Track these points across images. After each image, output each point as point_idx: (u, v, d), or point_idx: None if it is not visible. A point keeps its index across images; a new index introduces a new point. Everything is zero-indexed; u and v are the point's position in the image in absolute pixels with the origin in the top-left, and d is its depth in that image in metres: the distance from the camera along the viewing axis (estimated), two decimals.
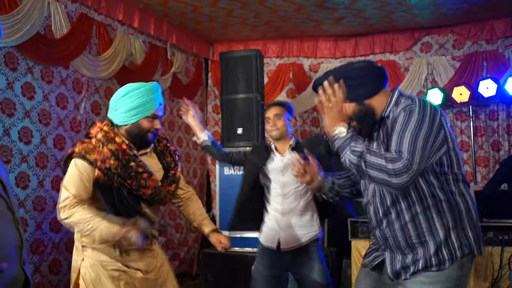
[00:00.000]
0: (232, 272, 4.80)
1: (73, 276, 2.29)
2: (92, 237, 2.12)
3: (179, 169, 2.46)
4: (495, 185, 4.59)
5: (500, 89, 5.27)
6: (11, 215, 1.18)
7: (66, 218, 2.15)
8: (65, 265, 4.32)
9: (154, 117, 2.29)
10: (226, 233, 5.00)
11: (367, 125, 1.99)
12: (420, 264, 1.91)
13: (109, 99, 4.88)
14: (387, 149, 1.91)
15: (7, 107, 3.85)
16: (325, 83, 1.93)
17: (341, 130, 1.89)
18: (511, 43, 5.60)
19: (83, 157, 2.19)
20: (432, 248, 1.90)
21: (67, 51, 4.30)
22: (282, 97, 6.35)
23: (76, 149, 2.24)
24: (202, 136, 3.18)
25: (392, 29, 5.95)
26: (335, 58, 6.28)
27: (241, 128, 4.93)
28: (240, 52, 5.47)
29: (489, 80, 5.30)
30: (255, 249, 4.86)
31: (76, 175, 2.19)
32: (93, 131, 2.30)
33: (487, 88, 5.28)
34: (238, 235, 4.98)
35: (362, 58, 6.18)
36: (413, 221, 1.92)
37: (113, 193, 2.19)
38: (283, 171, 3.09)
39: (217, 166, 5.23)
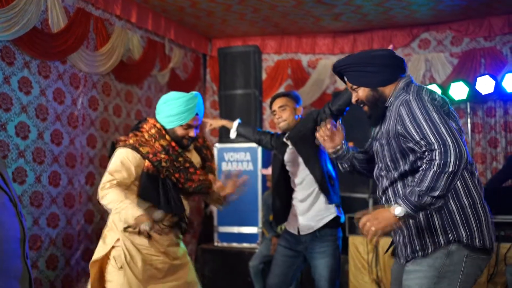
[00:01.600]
0: (230, 268, 4.81)
1: (100, 253, 2.41)
2: (120, 215, 2.26)
3: (215, 162, 2.71)
4: (500, 181, 4.58)
5: (498, 86, 5.27)
6: (13, 208, 1.17)
7: (101, 198, 2.31)
8: (62, 261, 4.32)
9: (188, 126, 2.48)
10: (224, 229, 5.01)
11: (377, 111, 2.05)
12: (408, 248, 1.95)
13: (106, 95, 4.93)
14: (388, 140, 1.95)
15: (4, 102, 3.83)
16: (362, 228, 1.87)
17: (398, 211, 1.81)
18: (509, 40, 5.60)
19: (136, 149, 2.37)
20: (414, 231, 1.93)
21: (64, 46, 4.28)
22: None
23: (131, 141, 2.41)
24: (233, 126, 3.40)
25: (391, 26, 5.94)
26: (333, 54, 6.27)
27: None
28: (239, 48, 5.46)
29: (487, 77, 5.29)
30: (252, 245, 4.88)
31: (123, 164, 2.36)
32: (147, 126, 2.48)
33: (484, 85, 5.28)
34: (236, 231, 4.98)
35: None
36: None
37: (159, 183, 2.38)
38: (292, 161, 3.14)
39: (215, 161, 5.22)
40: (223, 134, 5.11)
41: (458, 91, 5.41)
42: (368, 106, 2.06)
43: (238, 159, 5.08)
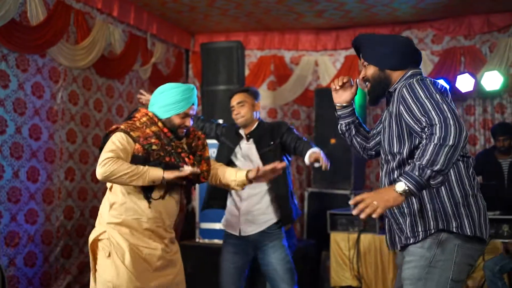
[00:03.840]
0: (212, 264, 4.78)
1: (92, 246, 2.47)
2: (142, 178, 2.32)
3: (207, 150, 2.66)
4: None
5: (477, 85, 5.36)
6: None
7: (105, 173, 2.29)
8: (40, 258, 4.25)
9: (185, 115, 2.51)
10: (205, 225, 4.99)
11: (376, 91, 2.13)
12: (402, 238, 1.99)
13: (87, 89, 4.86)
14: (390, 122, 2.00)
15: None
16: (357, 211, 1.80)
17: (400, 187, 1.79)
18: (488, 39, 5.69)
19: (127, 133, 2.42)
20: (408, 218, 1.97)
21: (43, 39, 4.20)
22: (263, 89, 6.33)
23: (122, 126, 2.45)
24: None
25: (373, 23, 5.97)
26: (316, 51, 6.28)
27: (222, 120, 4.90)
28: (221, 43, 5.43)
29: (467, 75, 5.37)
30: None
31: (120, 143, 2.39)
32: (138, 115, 2.54)
33: (464, 83, 5.35)
34: (218, 227, 4.96)
35: (343, 52, 6.21)
36: None
37: (149, 165, 2.40)
38: (244, 157, 3.13)
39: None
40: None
41: None
42: (371, 85, 2.13)
43: None
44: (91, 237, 2.48)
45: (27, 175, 4.16)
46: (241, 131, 3.21)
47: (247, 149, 3.15)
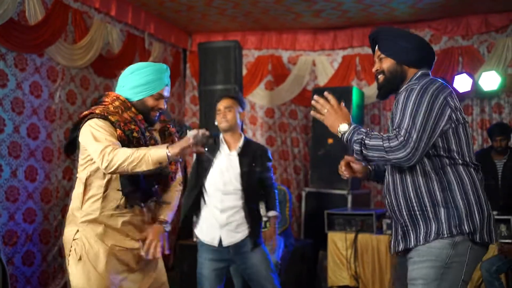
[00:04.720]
0: None
1: (66, 247, 2.28)
2: (144, 163, 2.06)
3: None
4: None
5: (475, 85, 5.37)
6: None
7: (110, 162, 2.06)
8: (38, 257, 4.26)
9: (159, 96, 2.31)
10: None
11: (390, 85, 2.12)
12: (412, 239, 1.99)
13: (85, 89, 4.86)
14: (393, 124, 2.02)
15: None
16: (317, 98, 2.05)
17: (343, 128, 1.98)
18: (485, 39, 5.70)
19: (105, 117, 2.17)
20: (420, 222, 1.97)
21: (41, 38, 4.20)
22: (260, 89, 6.34)
23: (97, 111, 2.20)
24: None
25: (371, 23, 5.98)
26: (313, 50, 6.29)
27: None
28: (219, 43, 5.44)
29: (464, 75, 5.38)
30: None
31: (103, 131, 2.14)
32: (109, 99, 2.27)
33: (462, 83, 5.37)
34: None
35: (341, 51, 6.22)
36: (404, 194, 2.01)
37: None
38: (228, 169, 3.10)
39: (194, 158, 5.19)
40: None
41: None
42: (386, 78, 2.11)
43: None
44: (64, 238, 2.29)
45: (25, 174, 4.16)
46: (222, 137, 3.18)
47: (228, 159, 3.12)
